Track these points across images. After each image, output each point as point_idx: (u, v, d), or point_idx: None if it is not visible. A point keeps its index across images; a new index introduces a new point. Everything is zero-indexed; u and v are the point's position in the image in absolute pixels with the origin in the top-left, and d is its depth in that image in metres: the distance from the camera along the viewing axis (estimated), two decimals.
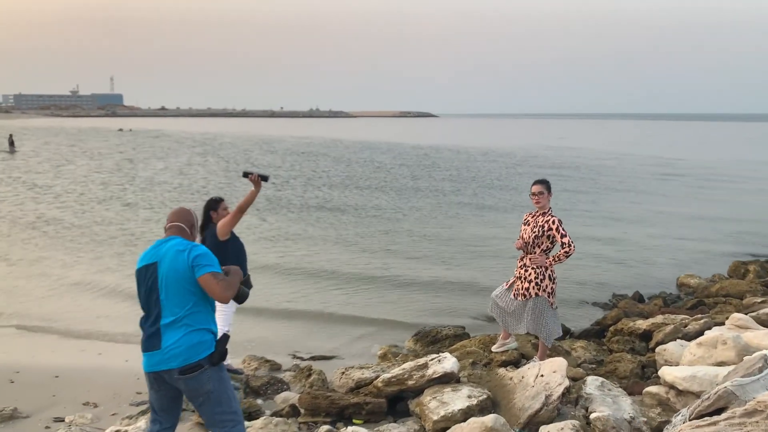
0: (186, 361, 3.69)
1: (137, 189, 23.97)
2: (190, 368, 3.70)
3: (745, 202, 22.26)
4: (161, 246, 3.90)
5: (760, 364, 4.34)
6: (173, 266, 3.78)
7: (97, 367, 7.26)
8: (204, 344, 3.76)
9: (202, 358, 3.73)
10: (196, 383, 3.73)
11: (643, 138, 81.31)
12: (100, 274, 11.69)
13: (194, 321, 3.76)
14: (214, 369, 3.79)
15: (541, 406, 4.92)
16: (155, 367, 3.76)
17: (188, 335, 3.72)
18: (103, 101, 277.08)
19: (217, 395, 3.80)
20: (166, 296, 3.77)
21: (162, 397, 3.89)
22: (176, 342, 3.70)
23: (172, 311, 3.75)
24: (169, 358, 3.70)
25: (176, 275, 3.77)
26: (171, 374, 3.72)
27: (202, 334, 3.77)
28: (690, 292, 10.61)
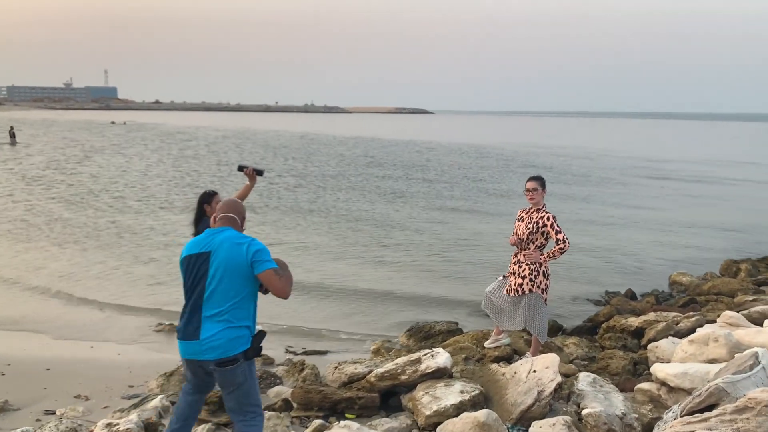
0: (223, 354, 3.76)
1: (129, 182, 23.88)
2: (226, 361, 3.78)
3: (737, 202, 22.36)
4: (215, 236, 3.91)
5: (751, 362, 4.36)
6: (229, 258, 3.81)
7: (88, 360, 7.24)
8: (241, 339, 3.82)
9: (238, 352, 3.80)
10: (231, 375, 3.83)
11: (638, 136, 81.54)
12: (91, 267, 11.65)
13: (235, 316, 3.81)
14: (247, 363, 3.88)
15: (534, 401, 4.93)
16: (192, 356, 3.85)
17: (227, 330, 3.78)
18: (97, 94, 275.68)
19: (247, 388, 3.91)
20: (214, 288, 3.80)
21: (196, 379, 4.03)
22: (215, 335, 3.76)
23: (217, 304, 3.79)
24: (206, 349, 3.77)
25: (231, 268, 3.81)
26: (207, 364, 3.83)
27: (240, 330, 3.82)
28: (682, 290, 10.65)
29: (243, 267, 3.82)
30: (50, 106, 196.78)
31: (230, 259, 3.81)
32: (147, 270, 11.52)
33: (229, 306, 3.80)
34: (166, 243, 13.71)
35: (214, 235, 3.93)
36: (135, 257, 12.41)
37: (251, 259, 3.82)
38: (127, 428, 4.30)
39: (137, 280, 10.88)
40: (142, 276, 11.11)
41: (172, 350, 7.71)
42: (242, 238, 3.91)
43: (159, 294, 10.07)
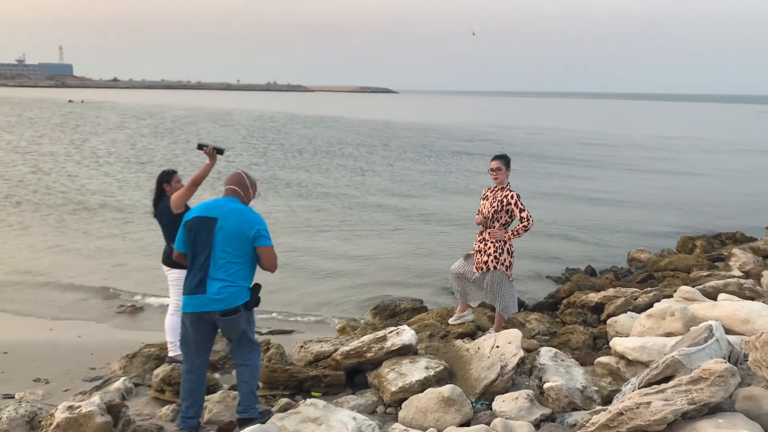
0: (227, 306, 4.32)
1: (87, 160, 23.30)
2: (230, 312, 4.33)
3: (693, 180, 22.93)
4: (222, 205, 4.43)
5: (705, 334, 4.49)
6: (236, 227, 4.33)
7: (48, 343, 7.11)
8: (242, 293, 4.37)
9: (240, 304, 4.35)
10: (234, 324, 4.41)
11: (599, 116, 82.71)
12: (48, 249, 11.38)
13: (236, 277, 4.35)
14: (248, 313, 4.46)
15: (497, 376, 5.01)
16: (199, 308, 4.34)
17: (229, 287, 4.32)
18: (52, 71, 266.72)
19: (247, 334, 4.52)
20: (220, 252, 4.32)
21: (200, 335, 4.49)
22: (219, 290, 4.30)
23: (222, 265, 4.31)
24: (213, 301, 4.30)
25: (236, 236, 4.32)
26: (212, 315, 4.34)
27: (240, 288, 4.37)
28: (640, 266, 10.92)
29: (246, 237, 4.33)
30: (2, 83, 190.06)
31: (236, 228, 4.32)
32: (106, 251, 11.31)
33: (232, 267, 4.32)
34: (125, 223, 13.46)
35: (222, 204, 4.44)
36: (94, 238, 12.17)
37: (254, 234, 4.34)
38: (89, 411, 4.22)
39: (97, 261, 10.69)
40: (101, 257, 10.91)
41: (134, 331, 7.65)
42: (249, 213, 4.42)
43: (120, 275, 9.91)
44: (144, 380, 5.75)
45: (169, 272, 5.96)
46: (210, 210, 4.41)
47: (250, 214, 4.43)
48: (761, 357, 4.17)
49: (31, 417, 4.56)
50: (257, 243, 4.36)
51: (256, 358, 4.63)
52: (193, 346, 4.55)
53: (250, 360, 4.58)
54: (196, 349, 4.56)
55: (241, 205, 4.47)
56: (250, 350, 4.59)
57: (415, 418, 4.63)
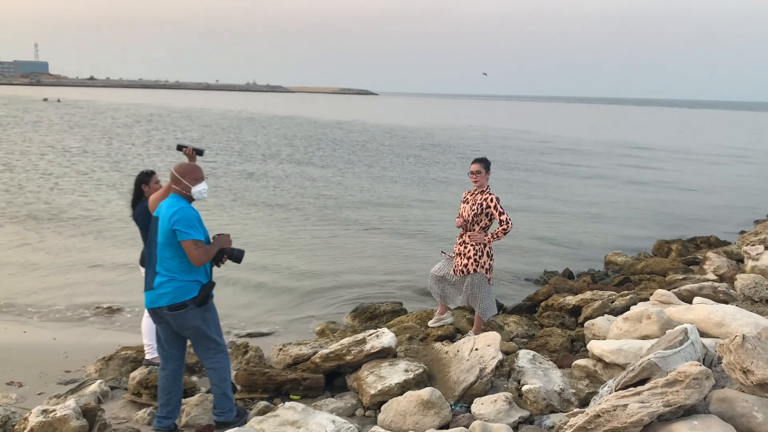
0: (173, 300, 4.36)
1: (64, 161, 22.97)
2: (176, 307, 4.37)
3: (668, 184, 23.25)
4: (163, 204, 4.50)
5: (681, 337, 4.56)
6: (163, 224, 4.38)
7: (21, 345, 6.97)
8: (188, 287, 4.39)
9: (187, 299, 4.38)
10: (181, 319, 4.41)
11: (577, 121, 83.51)
12: (19, 247, 11.20)
13: (178, 272, 4.37)
14: (199, 309, 4.43)
15: (476, 379, 5.03)
16: (151, 304, 4.44)
17: (173, 281, 4.36)
18: (27, 69, 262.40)
19: (202, 330, 4.49)
20: (161, 248, 4.40)
21: (164, 329, 4.55)
22: (163, 285, 4.37)
23: (163, 261, 4.39)
24: (158, 296, 4.38)
25: (166, 233, 4.36)
26: (161, 311, 4.40)
27: (184, 283, 4.38)
28: (617, 269, 11.03)
29: (171, 233, 4.34)
30: None
31: (163, 225, 4.38)
32: (81, 251, 11.15)
33: (172, 263, 4.37)
34: (101, 224, 13.29)
35: (164, 203, 4.50)
36: (69, 238, 12.00)
37: (172, 228, 4.34)
38: (64, 414, 4.16)
39: (70, 261, 10.53)
40: (76, 257, 10.76)
41: (110, 333, 7.55)
42: (172, 207, 4.39)
43: (95, 276, 9.78)
44: (120, 383, 5.69)
45: None
46: (157, 210, 4.54)
47: (172, 209, 4.37)
48: (735, 360, 4.24)
49: (4, 421, 4.49)
50: (178, 237, 4.34)
51: (222, 360, 4.64)
52: (163, 342, 4.62)
53: (217, 362, 4.60)
54: (167, 344, 4.61)
55: (172, 201, 4.44)
56: (215, 352, 4.60)
57: (395, 421, 4.63)
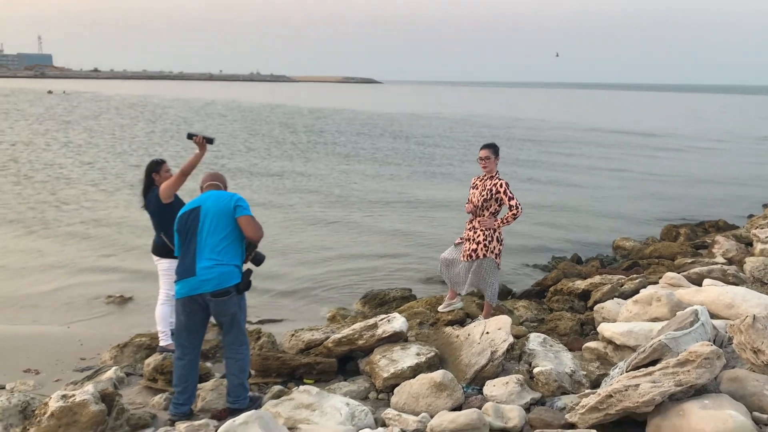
0: (217, 286, 4.44)
1: (68, 152, 23.07)
2: (220, 293, 4.45)
3: (677, 169, 23.18)
4: (202, 197, 4.68)
5: (691, 318, 4.59)
6: (215, 207, 4.53)
7: (36, 334, 7.06)
8: (232, 274, 4.50)
9: (231, 285, 4.48)
10: (224, 306, 4.51)
11: (581, 106, 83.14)
12: (27, 236, 11.31)
13: (225, 256, 4.48)
14: (238, 297, 4.55)
15: (487, 361, 5.08)
16: (191, 291, 4.48)
17: (218, 267, 4.46)
18: (31, 61, 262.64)
19: (237, 318, 4.60)
20: (206, 234, 4.49)
21: (193, 320, 4.60)
22: (209, 270, 4.45)
23: (209, 247, 4.48)
24: (202, 282, 4.44)
25: (219, 214, 4.50)
26: (204, 297, 4.47)
27: (230, 267, 4.50)
28: (625, 254, 11.04)
29: (228, 213, 4.51)
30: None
31: (217, 207, 4.53)
32: (93, 242, 11.24)
33: (219, 248, 4.48)
34: (112, 214, 13.37)
35: (203, 196, 4.68)
36: (80, 229, 12.08)
37: (234, 205, 4.52)
38: (83, 399, 4.22)
39: (84, 252, 10.61)
40: (88, 248, 10.84)
41: (123, 322, 7.63)
42: (227, 193, 4.69)
43: (108, 266, 9.85)
44: (135, 370, 5.76)
45: (159, 262, 5.97)
46: (193, 203, 4.67)
47: (227, 192, 4.71)
48: (745, 340, 4.28)
49: (24, 406, 4.56)
50: (237, 213, 4.51)
51: (245, 352, 4.72)
52: (185, 333, 4.66)
53: (240, 353, 4.67)
54: (188, 335, 4.66)
55: (221, 192, 4.74)
56: (241, 343, 4.68)
57: (407, 403, 4.69)
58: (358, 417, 4.36)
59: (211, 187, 4.80)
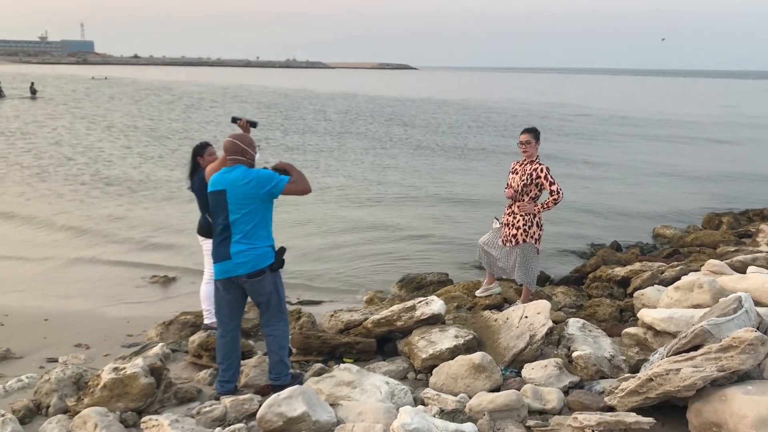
0: (252, 268, 4.53)
1: (112, 135, 23.61)
2: (255, 274, 4.54)
3: (718, 156, 22.64)
4: (226, 175, 4.58)
5: (734, 305, 4.54)
6: (242, 191, 4.49)
7: (85, 312, 7.32)
8: (266, 255, 4.58)
9: (265, 266, 4.56)
10: (260, 286, 4.60)
11: (624, 93, 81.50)
12: (82, 219, 11.67)
13: (256, 238, 4.55)
14: (273, 276, 4.63)
15: (526, 345, 5.11)
16: (227, 273, 4.58)
17: (252, 250, 4.53)
18: (74, 48, 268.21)
19: (276, 297, 4.70)
20: (235, 219, 4.52)
21: (231, 299, 4.70)
22: (242, 253, 4.52)
23: (240, 230, 4.52)
24: (237, 265, 4.52)
25: (245, 201, 4.49)
26: (240, 279, 4.56)
27: (263, 249, 4.57)
28: (666, 242, 10.90)
29: (255, 198, 4.49)
30: (25, 60, 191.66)
31: (243, 191, 4.49)
32: (137, 222, 11.55)
33: (249, 230, 4.53)
34: (158, 196, 13.70)
35: (226, 174, 4.60)
36: (124, 211, 12.41)
37: (265, 191, 4.49)
38: (134, 372, 4.40)
39: (130, 233, 10.91)
40: (135, 229, 11.15)
41: (168, 301, 7.85)
42: (248, 175, 4.52)
43: (152, 247, 10.13)
44: (180, 346, 5.93)
45: (204, 242, 6.12)
46: (218, 183, 4.61)
47: (249, 175, 4.52)
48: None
49: (77, 378, 4.76)
50: (277, 193, 4.52)
51: (284, 328, 4.79)
52: (226, 311, 4.76)
53: (278, 330, 4.75)
54: (229, 313, 4.76)
55: (242, 170, 4.56)
56: (278, 319, 4.75)
57: (446, 384, 4.75)
58: (398, 395, 4.45)
59: (232, 162, 4.63)
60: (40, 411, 4.60)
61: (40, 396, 4.67)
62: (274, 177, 4.54)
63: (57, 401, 4.57)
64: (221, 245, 4.59)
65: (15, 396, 4.89)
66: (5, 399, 4.84)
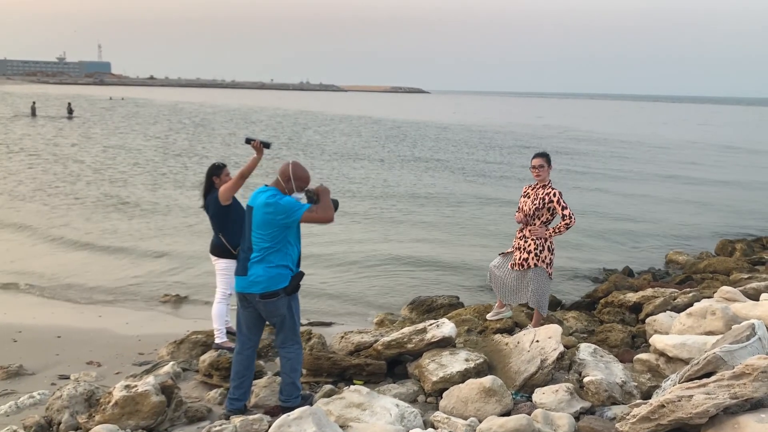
0: (266, 288, 4.54)
1: (128, 155, 23.89)
2: (269, 294, 4.55)
3: (732, 183, 22.54)
4: (260, 194, 4.64)
5: (747, 332, 4.51)
6: (263, 215, 4.52)
7: (97, 329, 7.37)
8: (281, 277, 4.57)
9: (279, 288, 4.55)
10: (273, 307, 4.61)
11: (634, 118, 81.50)
12: (89, 235, 11.81)
13: (275, 258, 4.55)
14: (287, 298, 4.62)
15: (537, 369, 5.09)
16: (243, 289, 4.64)
17: (269, 269, 4.54)
18: (91, 69, 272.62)
19: (290, 320, 4.68)
20: (255, 237, 4.57)
21: (249, 315, 4.75)
22: (258, 273, 4.54)
23: (259, 248, 4.56)
24: (252, 283, 4.56)
25: (265, 223, 4.51)
26: (253, 297, 4.59)
27: (280, 269, 4.57)
28: (678, 268, 10.83)
29: (274, 223, 4.50)
30: (43, 80, 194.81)
31: (263, 216, 4.53)
32: (153, 242, 11.63)
33: (267, 251, 4.54)
34: (167, 215, 13.81)
35: (260, 193, 4.65)
36: (140, 230, 12.52)
37: (279, 219, 4.48)
38: (145, 390, 4.43)
39: (143, 252, 10.99)
40: (148, 248, 11.23)
41: (179, 320, 7.89)
42: (271, 199, 4.53)
43: (164, 266, 10.19)
44: (191, 365, 5.96)
45: (216, 262, 6.18)
46: (251, 199, 4.69)
47: (272, 198, 4.51)
48: None
49: (89, 395, 4.79)
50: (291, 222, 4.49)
51: (296, 351, 4.81)
52: (244, 327, 4.80)
53: (292, 352, 4.77)
54: (247, 329, 4.80)
55: (270, 192, 4.58)
56: (292, 342, 4.77)
57: (456, 408, 4.74)
58: (408, 418, 4.44)
59: (274, 182, 4.69)
60: (52, 427, 4.63)
61: (52, 412, 4.69)
62: (293, 207, 4.51)
63: (68, 418, 4.59)
64: (243, 261, 4.65)
65: (27, 412, 4.92)
66: (17, 415, 4.88)
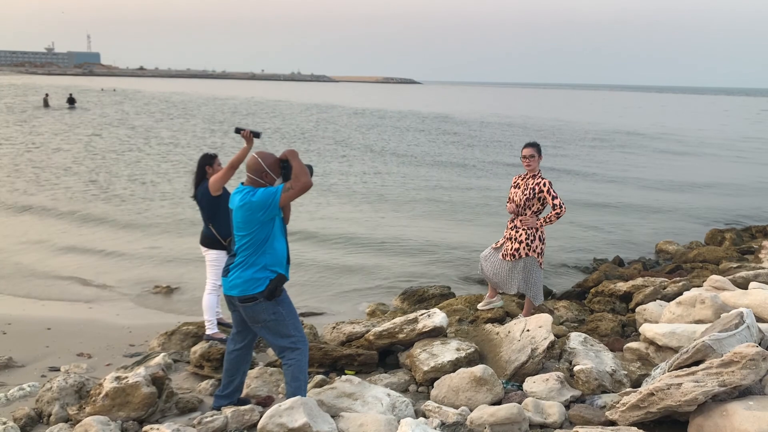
0: (243, 292, 4.30)
1: (118, 145, 23.74)
2: (246, 299, 4.30)
3: (721, 172, 22.65)
4: (236, 194, 4.37)
5: (736, 321, 4.54)
6: (242, 214, 4.26)
7: (88, 321, 7.33)
8: (260, 281, 4.29)
9: (257, 292, 4.28)
10: (252, 312, 4.34)
11: (624, 108, 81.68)
12: (79, 228, 11.71)
13: (256, 260, 4.29)
14: (270, 303, 4.32)
15: (527, 358, 5.11)
16: (225, 291, 4.45)
17: (246, 271, 4.29)
18: (80, 60, 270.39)
19: (274, 325, 4.37)
20: (237, 237, 4.35)
21: (236, 316, 4.56)
22: (237, 275, 4.32)
23: (239, 250, 4.33)
24: (231, 286, 4.35)
25: (244, 222, 4.25)
26: (234, 300, 4.38)
27: (259, 272, 4.29)
28: (668, 257, 10.89)
29: (255, 221, 4.23)
30: (32, 71, 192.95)
31: (243, 215, 4.27)
32: (141, 232, 11.58)
33: (249, 253, 4.29)
34: (158, 206, 13.74)
35: (236, 194, 4.37)
36: (129, 220, 12.46)
37: (265, 215, 4.21)
38: (135, 381, 4.41)
39: (133, 242, 10.94)
40: (136, 238, 11.18)
41: (170, 311, 7.87)
42: (247, 196, 4.24)
43: (155, 257, 10.15)
44: (182, 357, 5.95)
45: (206, 253, 6.15)
46: (230, 201, 4.42)
47: (247, 195, 4.23)
48: None
49: (79, 387, 4.77)
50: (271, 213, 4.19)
51: (297, 356, 4.44)
52: (234, 328, 4.63)
53: (290, 359, 4.42)
54: (236, 330, 4.61)
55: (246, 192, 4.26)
56: (289, 350, 4.42)
57: (447, 397, 4.76)
58: (399, 407, 4.45)
59: (246, 181, 4.37)
60: (42, 419, 4.62)
61: (42, 404, 4.68)
62: (267, 199, 4.19)
63: (58, 410, 4.58)
64: (227, 263, 4.44)
65: (16, 404, 4.90)
66: (7, 407, 4.86)
